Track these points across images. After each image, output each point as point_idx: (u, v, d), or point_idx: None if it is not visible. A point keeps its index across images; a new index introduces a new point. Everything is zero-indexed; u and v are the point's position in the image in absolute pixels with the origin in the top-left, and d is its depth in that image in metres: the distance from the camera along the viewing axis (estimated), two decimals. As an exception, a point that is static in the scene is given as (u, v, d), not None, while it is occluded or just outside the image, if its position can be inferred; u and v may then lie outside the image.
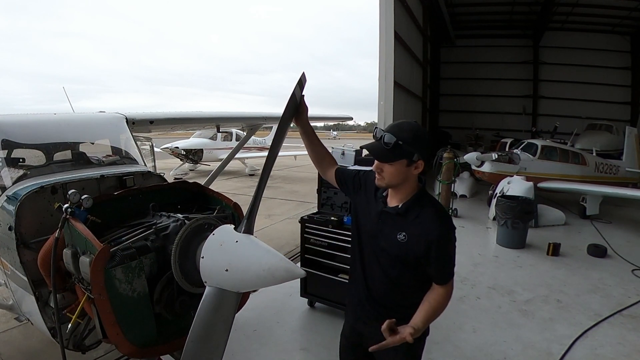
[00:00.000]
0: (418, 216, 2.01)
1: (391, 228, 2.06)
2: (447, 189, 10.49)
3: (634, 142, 13.41)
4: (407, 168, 1.98)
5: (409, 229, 2.01)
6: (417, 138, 1.96)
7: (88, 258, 2.26)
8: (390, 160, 1.97)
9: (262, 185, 2.08)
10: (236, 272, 1.91)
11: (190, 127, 10.19)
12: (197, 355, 2.01)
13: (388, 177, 2.01)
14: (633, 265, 6.80)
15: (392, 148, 1.94)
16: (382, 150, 1.97)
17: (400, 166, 1.97)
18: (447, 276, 2.06)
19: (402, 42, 13.85)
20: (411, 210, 2.03)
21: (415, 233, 1.99)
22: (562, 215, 9.87)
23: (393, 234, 2.04)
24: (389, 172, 1.99)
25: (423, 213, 2.02)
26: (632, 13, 18.09)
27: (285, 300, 5.17)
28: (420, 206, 2.04)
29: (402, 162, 1.96)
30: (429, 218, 2.00)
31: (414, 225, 2.00)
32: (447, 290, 2.07)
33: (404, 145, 1.93)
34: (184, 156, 19.19)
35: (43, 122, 3.93)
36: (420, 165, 2.01)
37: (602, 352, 4.24)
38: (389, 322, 1.92)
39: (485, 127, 21.87)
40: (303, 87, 2.25)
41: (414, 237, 1.99)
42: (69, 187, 2.91)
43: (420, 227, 1.99)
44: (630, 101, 20.68)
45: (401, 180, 2.02)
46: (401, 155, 1.94)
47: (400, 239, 2.01)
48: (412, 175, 2.03)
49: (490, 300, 5.47)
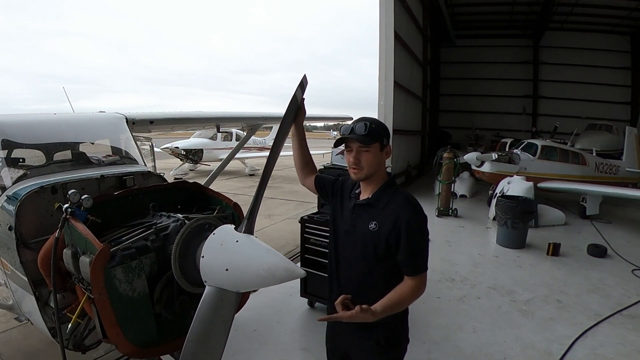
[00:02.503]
0: (388, 202, 2.07)
1: (363, 219, 2.10)
2: (447, 189, 10.51)
3: (633, 142, 13.40)
4: (381, 153, 2.10)
5: (379, 216, 2.05)
6: (380, 124, 2.13)
7: (88, 258, 2.25)
8: (369, 142, 2.05)
9: (263, 185, 2.08)
10: (236, 272, 1.91)
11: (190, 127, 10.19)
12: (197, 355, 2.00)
13: (367, 165, 2.07)
14: (633, 265, 6.81)
15: (367, 133, 2.04)
16: (360, 136, 2.05)
17: (376, 151, 2.07)
18: (417, 268, 2.02)
19: (402, 42, 13.85)
20: (381, 199, 2.09)
21: (385, 220, 2.02)
22: (562, 215, 9.87)
23: (365, 224, 2.08)
24: (367, 159, 2.07)
25: (393, 199, 2.07)
26: (632, 13, 18.16)
27: (285, 300, 5.17)
28: (389, 194, 2.10)
29: (376, 147, 2.07)
30: (398, 204, 2.05)
31: (384, 212, 2.05)
32: (416, 284, 2.01)
33: (375, 129, 2.06)
34: (184, 156, 19.19)
35: (43, 122, 3.93)
36: (389, 151, 2.15)
37: (602, 352, 4.23)
38: (343, 297, 1.93)
39: (485, 127, 21.95)
40: (304, 89, 2.26)
41: (384, 224, 2.02)
42: (69, 187, 2.91)
43: (390, 213, 2.03)
44: (630, 101, 20.76)
45: (377, 168, 2.10)
46: (376, 138, 2.06)
47: (371, 228, 2.05)
48: (384, 163, 2.16)
49: (490, 300, 5.47)
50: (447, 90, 24.38)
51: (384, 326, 2.07)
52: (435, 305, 5.26)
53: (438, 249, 7.62)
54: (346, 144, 2.11)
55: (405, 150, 15.39)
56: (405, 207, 2.03)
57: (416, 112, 17.63)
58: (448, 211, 10.37)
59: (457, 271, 6.48)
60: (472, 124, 21.99)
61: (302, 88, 2.24)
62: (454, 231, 9.07)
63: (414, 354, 3.98)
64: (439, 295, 5.55)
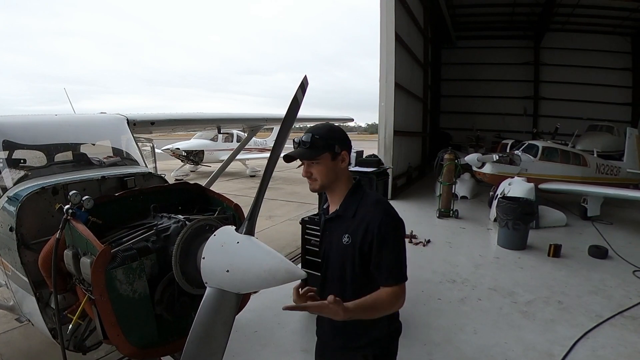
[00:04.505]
0: (357, 210, 1.96)
1: (336, 234, 2.01)
2: (448, 190, 10.51)
3: (634, 143, 13.37)
4: (334, 162, 1.98)
5: (351, 227, 1.95)
6: (331, 131, 2.00)
7: (89, 259, 2.26)
8: (314, 156, 1.95)
9: (263, 186, 2.08)
10: (237, 273, 1.91)
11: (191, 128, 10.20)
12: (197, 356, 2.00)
13: (319, 176, 1.98)
14: (634, 267, 6.79)
15: (311, 145, 1.94)
16: (304, 151, 1.96)
17: (326, 161, 1.96)
18: (392, 276, 1.87)
19: (403, 43, 13.86)
20: (349, 207, 1.99)
21: (357, 230, 1.91)
22: (563, 216, 9.86)
23: (339, 239, 1.98)
24: (318, 171, 1.98)
25: (362, 206, 1.96)
26: (633, 14, 18.15)
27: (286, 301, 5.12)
28: (357, 200, 1.99)
29: (326, 157, 1.95)
30: (367, 209, 1.93)
31: (355, 222, 1.94)
32: (395, 293, 1.85)
33: (320, 140, 1.94)
34: (185, 157, 19.22)
35: (44, 123, 3.94)
36: (346, 157, 2.01)
37: (603, 354, 4.23)
38: (308, 289, 1.91)
39: (486, 128, 21.95)
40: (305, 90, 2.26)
41: (356, 234, 1.91)
42: (70, 188, 2.91)
43: (361, 221, 1.91)
44: (631, 102, 20.74)
45: (333, 177, 1.99)
46: (323, 148, 1.94)
47: (345, 242, 1.95)
48: (342, 170, 2.02)
49: (491, 301, 5.46)
50: (448, 92, 24.40)
51: (374, 343, 2.04)
52: (436, 306, 5.25)
53: (439, 250, 7.63)
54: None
55: (406, 151, 15.38)
56: (375, 211, 1.91)
57: (417, 114, 17.63)
58: (449, 212, 10.36)
59: (458, 272, 6.47)
60: (473, 125, 22.00)
61: (302, 89, 2.23)
62: (454, 232, 9.06)
63: (415, 355, 3.99)
64: (440, 297, 5.54)
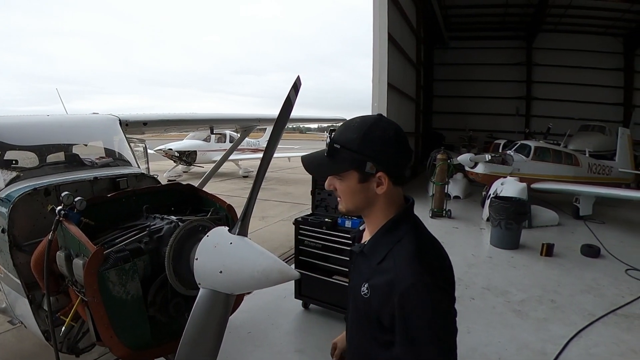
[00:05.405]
0: (385, 257, 1.33)
1: (358, 276, 1.43)
2: (441, 190, 10.53)
3: (626, 142, 13.50)
4: (362, 185, 1.35)
5: (373, 277, 1.34)
6: (366, 137, 1.31)
7: (81, 260, 2.25)
8: (329, 172, 1.41)
9: (256, 187, 2.08)
10: (230, 274, 1.91)
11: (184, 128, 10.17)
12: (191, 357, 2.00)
13: (342, 197, 1.42)
14: (626, 265, 6.84)
15: (329, 155, 1.36)
16: (321, 160, 1.40)
17: (351, 182, 1.36)
18: None
19: (396, 44, 13.90)
20: (377, 249, 1.37)
21: (377, 285, 1.31)
22: (555, 215, 9.92)
23: (359, 285, 1.39)
24: (341, 190, 1.40)
25: (392, 254, 1.32)
26: (625, 15, 18.31)
27: (279, 302, 5.16)
28: (389, 243, 1.35)
29: (351, 176, 1.35)
30: (395, 262, 1.28)
31: (378, 272, 1.33)
32: None
33: (343, 150, 1.33)
34: (178, 158, 19.20)
35: (36, 124, 3.93)
36: (384, 180, 1.34)
37: (596, 352, 4.25)
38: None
39: (479, 128, 22.03)
40: (298, 91, 2.25)
41: (375, 292, 1.31)
42: (62, 189, 2.90)
43: (384, 275, 1.29)
44: (622, 102, 20.88)
45: (361, 204, 1.40)
46: (345, 164, 1.34)
47: (363, 293, 1.35)
48: (377, 197, 1.38)
49: (485, 300, 5.48)
50: (440, 92, 24.45)
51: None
52: (429, 306, 5.25)
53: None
54: None
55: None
56: (403, 270, 1.24)
57: (410, 114, 17.67)
58: (442, 212, 10.38)
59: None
60: (465, 125, 22.07)
61: (295, 90, 2.22)
62: (447, 232, 9.08)
63: (408, 355, 4.01)
64: (433, 297, 5.55)
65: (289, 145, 27.86)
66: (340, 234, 4.49)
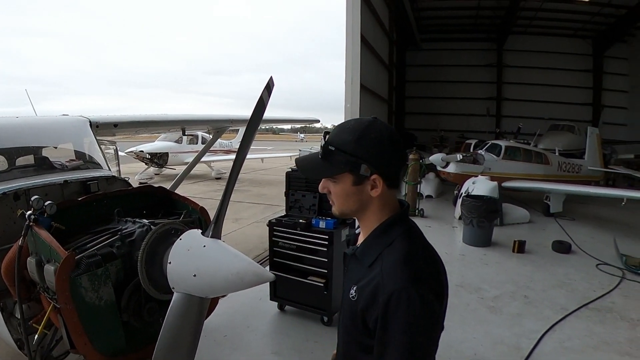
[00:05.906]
0: (375, 260, 1.32)
1: (349, 279, 1.43)
2: (413, 189, 10.66)
3: (595, 141, 13.84)
4: (357, 187, 1.34)
5: (362, 280, 1.33)
6: (361, 140, 1.30)
7: (53, 266, 2.22)
8: (324, 174, 1.39)
9: (229, 188, 2.08)
10: (204, 277, 1.91)
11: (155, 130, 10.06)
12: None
13: (336, 200, 1.40)
14: (597, 260, 7.02)
15: (323, 157, 1.35)
16: (315, 162, 1.39)
17: (345, 184, 1.35)
18: None
19: (369, 46, 13.98)
20: (368, 253, 1.37)
21: (365, 288, 1.29)
22: (526, 213, 10.14)
23: (348, 287, 1.39)
24: (335, 192, 1.39)
25: (382, 257, 1.31)
26: (594, 18, 18.88)
27: (255, 304, 5.14)
28: (380, 245, 1.34)
29: (346, 178, 1.34)
30: (384, 265, 1.28)
31: (368, 275, 1.31)
32: None
33: (338, 152, 1.32)
34: (149, 160, 18.93)
35: (4, 126, 3.84)
36: (379, 183, 1.33)
37: (570, 345, 4.36)
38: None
39: (450, 128, 22.37)
40: (271, 91, 2.26)
41: (362, 295, 1.30)
42: (32, 193, 2.86)
43: (373, 279, 1.28)
44: (591, 102, 21.47)
45: (355, 207, 1.39)
46: (338, 165, 1.33)
47: (351, 296, 1.34)
48: (371, 200, 1.37)
49: (459, 298, 5.55)
50: (412, 93, 24.64)
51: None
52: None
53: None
54: None
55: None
56: (389, 276, 1.23)
57: (382, 115, 17.78)
58: (414, 211, 10.48)
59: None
60: (437, 125, 22.32)
61: (268, 90, 2.23)
62: (420, 231, 9.15)
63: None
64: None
65: (262, 147, 27.75)
66: (315, 235, 4.51)
